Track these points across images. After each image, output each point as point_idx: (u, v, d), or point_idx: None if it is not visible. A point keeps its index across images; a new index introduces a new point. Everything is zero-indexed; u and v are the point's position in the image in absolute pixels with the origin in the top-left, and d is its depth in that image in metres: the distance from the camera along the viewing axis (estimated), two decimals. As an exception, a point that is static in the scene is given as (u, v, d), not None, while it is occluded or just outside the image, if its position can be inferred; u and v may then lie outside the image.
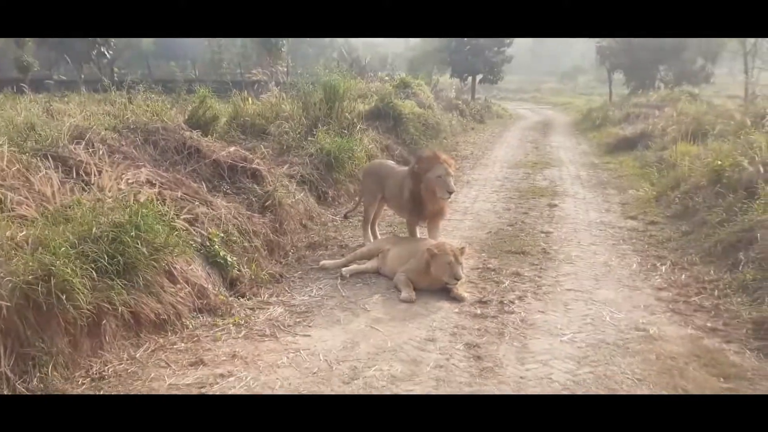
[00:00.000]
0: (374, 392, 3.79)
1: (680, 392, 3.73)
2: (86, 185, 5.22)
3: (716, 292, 5.36)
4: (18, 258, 3.77)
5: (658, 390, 3.76)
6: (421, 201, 6.06)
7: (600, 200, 9.57)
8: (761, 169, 6.78)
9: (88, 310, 3.85)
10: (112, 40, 28.14)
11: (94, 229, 4.17)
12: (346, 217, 7.68)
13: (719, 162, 7.56)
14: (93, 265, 4.03)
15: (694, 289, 5.51)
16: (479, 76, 32.11)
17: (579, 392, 3.76)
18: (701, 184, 7.89)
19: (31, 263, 3.75)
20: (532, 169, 12.79)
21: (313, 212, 7.92)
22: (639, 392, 3.74)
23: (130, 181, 5.38)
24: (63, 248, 3.88)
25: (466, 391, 3.80)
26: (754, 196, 6.52)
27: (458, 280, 5.27)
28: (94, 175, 4.97)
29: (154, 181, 5.60)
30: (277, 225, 6.72)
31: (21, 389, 3.50)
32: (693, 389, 3.75)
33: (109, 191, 4.69)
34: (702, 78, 29.29)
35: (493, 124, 24.69)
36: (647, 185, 9.97)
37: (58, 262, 3.76)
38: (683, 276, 5.84)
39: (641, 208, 8.80)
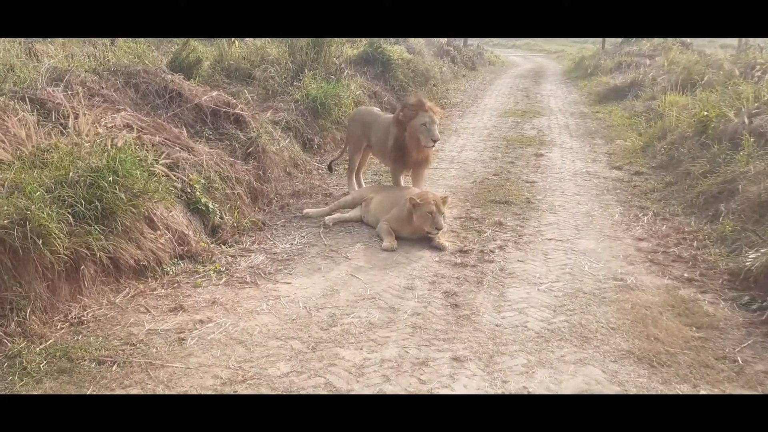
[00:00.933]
0: (350, 337, 3.83)
1: (652, 340, 3.80)
2: (64, 128, 5.13)
3: (695, 243, 5.41)
4: (-7, 202, 3.74)
5: (630, 338, 3.83)
6: (405, 149, 6.01)
7: (587, 150, 9.55)
8: (746, 121, 6.76)
9: (65, 254, 3.84)
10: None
11: (71, 174, 4.12)
12: (330, 168, 7.54)
13: (705, 113, 7.53)
14: (70, 210, 4.00)
15: (674, 239, 5.55)
16: (472, 22, 31.46)
17: (553, 340, 3.82)
18: (687, 135, 7.88)
19: (6, 207, 3.71)
20: (521, 117, 12.70)
21: (298, 160, 7.86)
22: (612, 340, 3.81)
23: (109, 125, 5.30)
24: (38, 192, 3.84)
25: (442, 337, 3.85)
26: (738, 148, 6.53)
27: (439, 230, 5.29)
28: (72, 118, 4.88)
29: (133, 125, 5.52)
30: (260, 172, 6.67)
31: (-1, 333, 3.52)
32: (665, 338, 3.82)
33: (87, 135, 4.62)
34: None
35: (485, 72, 24.37)
36: (635, 135, 9.95)
37: (33, 206, 3.72)
38: (664, 226, 5.88)
39: (627, 158, 8.80)
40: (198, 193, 5.35)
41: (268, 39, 10.16)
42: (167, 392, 3.24)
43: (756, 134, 6.47)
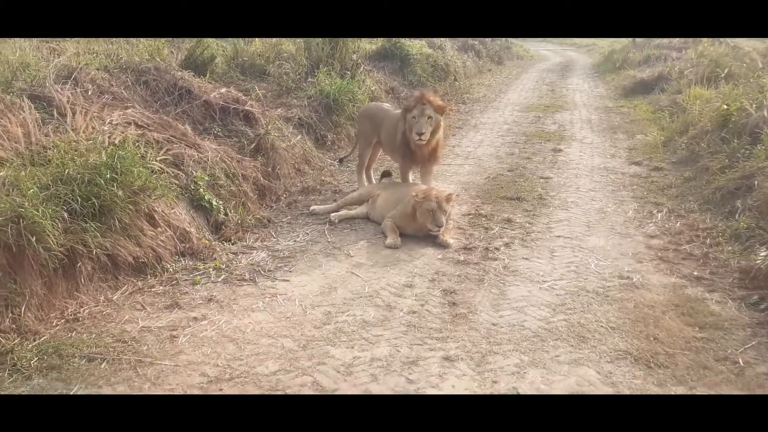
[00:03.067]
0: (343, 336, 3.79)
1: (651, 340, 3.68)
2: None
3: (708, 241, 5.24)
4: (-11, 199, 3.77)
5: (629, 338, 3.72)
6: (409, 144, 5.94)
7: (607, 145, 9.35)
8: (766, 114, 6.53)
9: (59, 252, 3.86)
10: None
11: (67, 171, 4.15)
12: (341, 161, 7.63)
13: (725, 106, 7.31)
14: (65, 208, 4.03)
15: (687, 237, 5.39)
16: (499, 16, 31.16)
17: (549, 339, 3.73)
18: (708, 129, 7.65)
19: (2, 204, 3.75)
20: (544, 112, 12.50)
21: (310, 156, 7.84)
22: (609, 340, 3.70)
23: (115, 122, 5.33)
24: (32, 190, 3.87)
25: (435, 336, 3.78)
26: (758, 142, 6.31)
27: (439, 227, 5.21)
28: (69, 115, 4.91)
29: (140, 123, 5.54)
30: (269, 169, 6.66)
31: (-8, 329, 3.55)
32: (665, 338, 3.70)
33: (84, 132, 4.65)
34: (732, 18, 28.14)
35: (512, 66, 24.08)
36: (657, 130, 9.71)
37: (27, 203, 3.75)
38: (678, 223, 5.71)
39: (648, 153, 8.59)
40: (202, 189, 5.36)
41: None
42: (153, 390, 3.24)
43: (776, 128, 6.25)
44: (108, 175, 4.26)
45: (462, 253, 5.11)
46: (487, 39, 25.45)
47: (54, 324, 3.83)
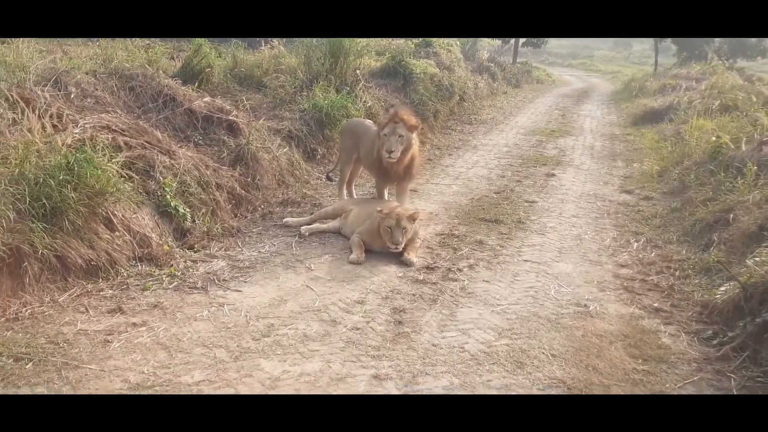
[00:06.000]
0: (279, 349, 3.74)
1: (590, 370, 3.57)
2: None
3: (678, 273, 5.11)
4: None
5: (567, 366, 3.62)
6: (382, 161, 5.90)
7: (603, 172, 9.21)
8: (744, 148, 6.39)
9: (2, 250, 3.87)
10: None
11: (16, 171, 4.17)
12: (329, 178, 7.56)
13: (714, 138, 7.17)
14: (13, 207, 4.04)
15: (658, 267, 5.26)
16: (522, 39, 31.18)
17: (486, 363, 3.64)
18: (699, 161, 7.51)
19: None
20: (548, 136, 12.40)
21: (296, 168, 7.82)
22: (547, 367, 3.60)
23: (88, 125, 5.37)
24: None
25: (372, 354, 3.71)
26: (741, 176, 6.17)
27: (396, 245, 5.15)
28: (26, 116, 4.95)
29: (114, 127, 5.58)
30: (248, 179, 6.65)
31: None
32: (604, 369, 3.60)
33: (38, 133, 4.68)
34: (758, 52, 27.81)
35: (530, 89, 23.98)
36: (656, 159, 9.56)
37: (-31, 201, 3.78)
38: (653, 254, 5.59)
39: (642, 182, 8.44)
40: (169, 196, 5.36)
41: (281, 49, 10.20)
42: (71, 393, 3.21)
43: (762, 163, 6.10)
44: (61, 177, 4.27)
45: (423, 273, 5.04)
46: (507, 62, 25.45)
47: (-7, 322, 3.84)
